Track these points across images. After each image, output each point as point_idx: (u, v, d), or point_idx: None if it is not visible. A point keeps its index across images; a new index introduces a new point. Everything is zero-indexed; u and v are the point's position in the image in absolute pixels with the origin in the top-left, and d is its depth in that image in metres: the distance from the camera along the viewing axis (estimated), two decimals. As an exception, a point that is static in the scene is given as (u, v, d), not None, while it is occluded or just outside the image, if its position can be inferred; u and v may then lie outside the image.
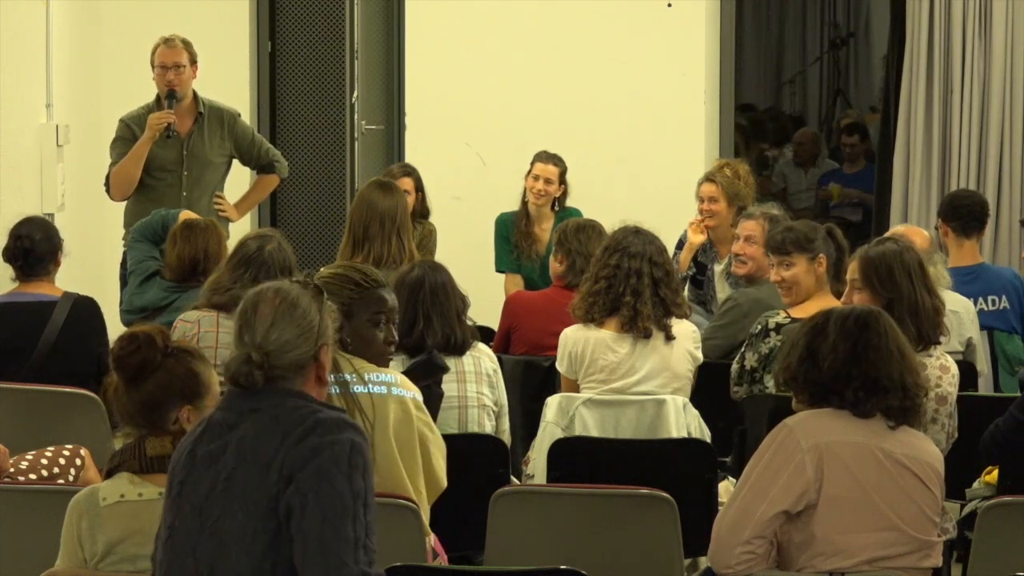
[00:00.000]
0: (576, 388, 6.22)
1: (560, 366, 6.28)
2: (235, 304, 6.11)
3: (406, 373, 5.06)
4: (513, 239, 8.58)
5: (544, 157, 8.56)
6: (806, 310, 5.95)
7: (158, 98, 8.35)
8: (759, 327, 6.18)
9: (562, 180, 8.56)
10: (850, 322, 4.43)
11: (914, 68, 9.47)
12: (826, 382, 4.39)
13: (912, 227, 7.87)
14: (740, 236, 7.28)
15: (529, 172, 8.56)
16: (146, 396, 4.10)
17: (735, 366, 6.23)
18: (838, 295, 6.08)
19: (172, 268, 6.88)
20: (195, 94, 8.40)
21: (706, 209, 8.19)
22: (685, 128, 9.78)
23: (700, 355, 6.29)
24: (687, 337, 6.24)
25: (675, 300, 6.22)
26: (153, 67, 8.32)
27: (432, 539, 4.88)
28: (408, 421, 4.79)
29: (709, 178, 8.27)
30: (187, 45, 8.34)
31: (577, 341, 6.20)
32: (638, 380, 6.14)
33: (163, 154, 8.25)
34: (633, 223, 6.38)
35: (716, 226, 8.10)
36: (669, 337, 6.17)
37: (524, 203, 8.60)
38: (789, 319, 6.11)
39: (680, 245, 8.34)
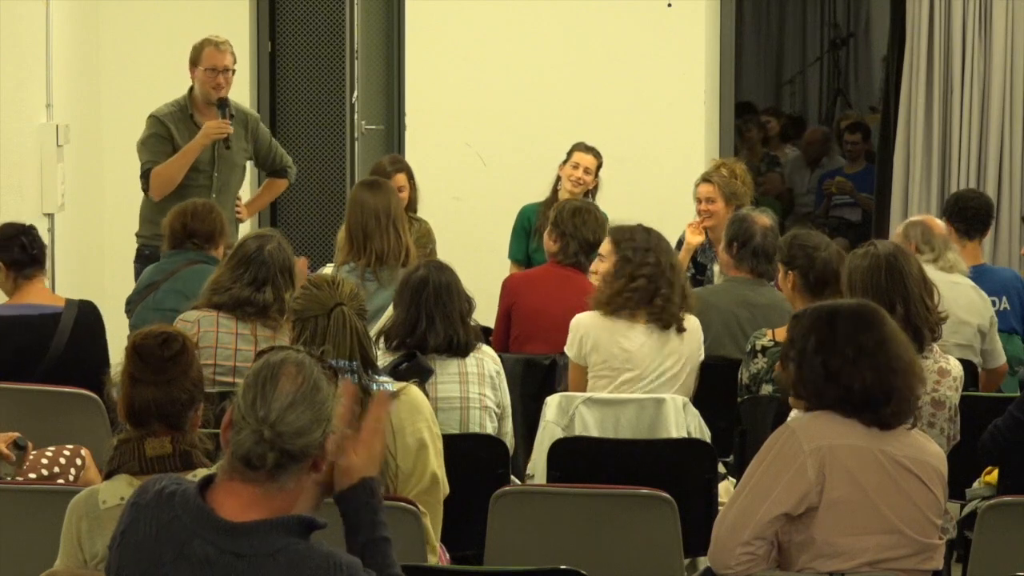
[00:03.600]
0: (584, 375, 6.24)
1: (570, 351, 6.30)
2: (235, 304, 6.20)
3: (391, 374, 5.05)
4: (536, 226, 8.60)
5: (583, 147, 8.69)
6: None
7: (190, 92, 8.28)
8: (749, 346, 6.20)
9: (598, 171, 8.66)
10: (824, 320, 4.42)
11: (914, 68, 9.47)
12: (806, 381, 4.40)
13: (927, 216, 7.88)
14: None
15: (567, 161, 8.66)
16: (177, 392, 4.12)
17: (739, 378, 6.27)
18: None
19: (167, 239, 6.97)
20: None
21: (704, 210, 8.23)
22: (685, 128, 9.79)
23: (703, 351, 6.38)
24: (696, 330, 6.34)
25: (687, 294, 6.32)
26: (195, 67, 8.23)
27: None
28: (414, 421, 4.80)
29: (706, 179, 8.32)
30: (231, 48, 8.31)
31: (591, 327, 6.25)
32: (657, 368, 6.18)
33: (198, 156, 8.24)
34: (633, 222, 6.42)
35: (714, 226, 8.11)
36: (680, 329, 6.24)
37: (554, 192, 8.65)
38: (773, 342, 6.11)
39: (679, 246, 8.36)
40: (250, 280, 6.17)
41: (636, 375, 6.19)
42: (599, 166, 8.66)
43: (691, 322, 6.31)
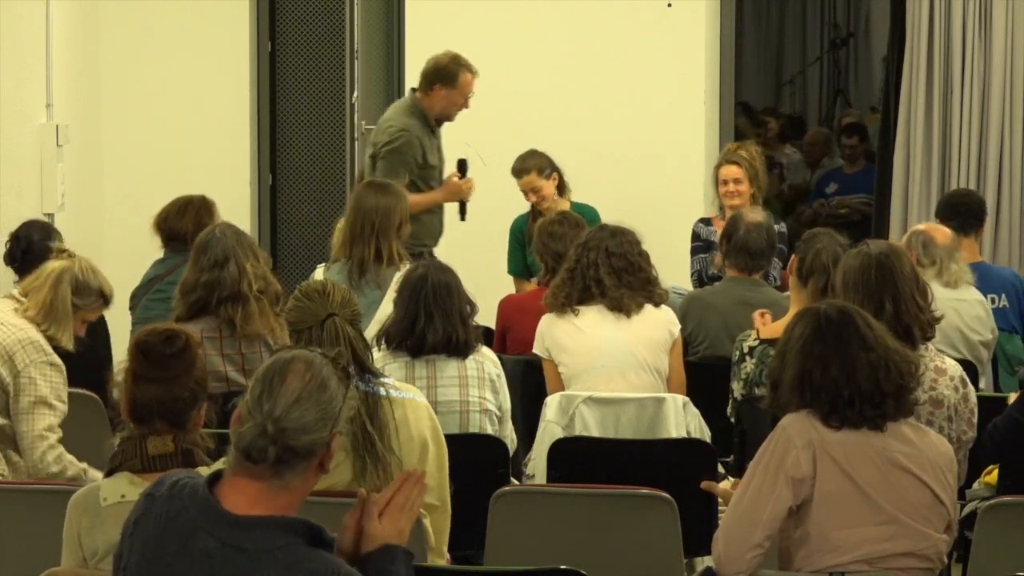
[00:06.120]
0: (554, 368, 6.33)
1: (536, 348, 6.43)
2: (208, 293, 6.14)
3: None
4: (528, 235, 8.58)
5: (517, 171, 8.57)
6: (776, 331, 5.97)
7: (418, 100, 8.31)
8: (737, 353, 6.20)
9: (549, 172, 8.51)
10: (809, 331, 4.45)
11: (914, 68, 9.47)
12: (787, 389, 4.43)
13: (932, 224, 7.86)
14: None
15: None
16: (179, 390, 4.13)
17: (730, 405, 6.25)
18: None
19: (161, 238, 7.22)
20: None
21: (732, 191, 8.21)
22: (685, 128, 9.78)
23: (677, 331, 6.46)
24: (664, 318, 6.42)
25: (645, 284, 6.38)
26: (444, 86, 8.29)
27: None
28: (420, 428, 4.79)
29: (731, 160, 8.28)
30: None
31: (550, 324, 6.40)
32: (618, 351, 6.26)
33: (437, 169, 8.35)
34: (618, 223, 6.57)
35: (740, 205, 8.07)
36: (636, 311, 6.35)
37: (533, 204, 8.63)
38: (758, 341, 6.12)
39: (696, 237, 8.36)
40: (211, 263, 6.17)
41: (599, 355, 6.27)
42: (540, 167, 8.49)
43: (662, 310, 6.41)
